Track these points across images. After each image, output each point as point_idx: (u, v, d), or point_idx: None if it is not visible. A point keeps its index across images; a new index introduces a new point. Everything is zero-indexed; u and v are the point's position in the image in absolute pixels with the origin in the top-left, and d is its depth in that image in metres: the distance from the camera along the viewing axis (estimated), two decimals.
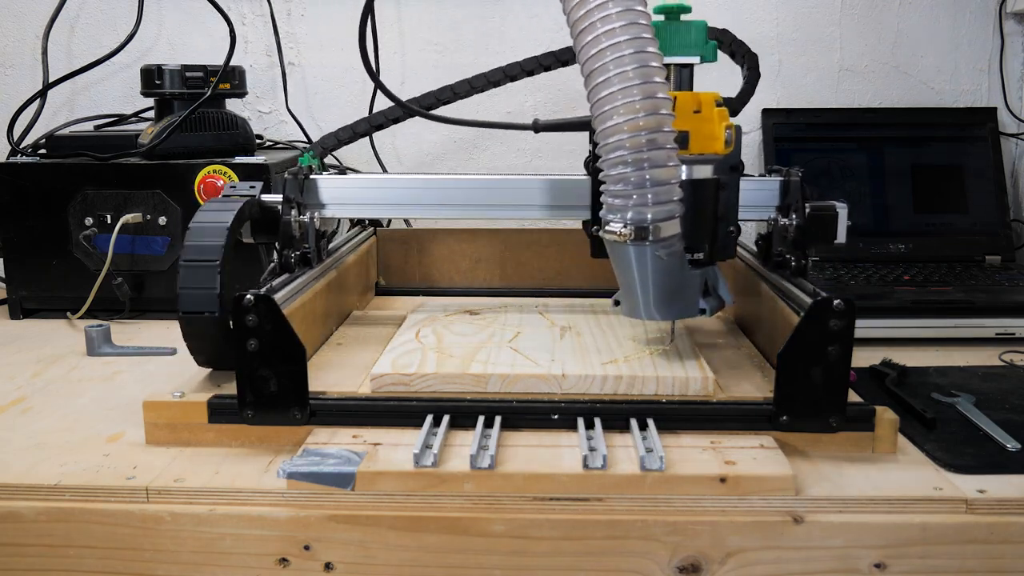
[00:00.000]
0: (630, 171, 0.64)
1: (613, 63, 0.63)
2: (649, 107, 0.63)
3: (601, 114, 0.64)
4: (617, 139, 0.64)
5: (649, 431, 0.65)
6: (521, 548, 0.60)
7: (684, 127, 0.70)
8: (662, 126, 0.64)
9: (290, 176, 0.86)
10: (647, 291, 0.71)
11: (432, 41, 1.33)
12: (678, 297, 0.73)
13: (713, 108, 0.72)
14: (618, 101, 0.63)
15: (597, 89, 0.64)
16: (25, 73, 1.33)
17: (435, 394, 0.70)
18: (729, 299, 0.78)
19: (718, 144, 0.72)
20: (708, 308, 0.75)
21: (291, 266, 0.84)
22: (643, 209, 0.65)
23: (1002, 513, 0.59)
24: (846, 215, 0.81)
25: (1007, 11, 1.31)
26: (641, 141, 0.63)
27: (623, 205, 0.66)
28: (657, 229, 0.66)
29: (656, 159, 0.64)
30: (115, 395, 0.80)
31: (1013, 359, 0.90)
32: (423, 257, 1.12)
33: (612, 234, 0.67)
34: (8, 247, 1.06)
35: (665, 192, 0.65)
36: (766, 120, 1.31)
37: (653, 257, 0.68)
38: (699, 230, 0.74)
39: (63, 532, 0.61)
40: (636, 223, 0.66)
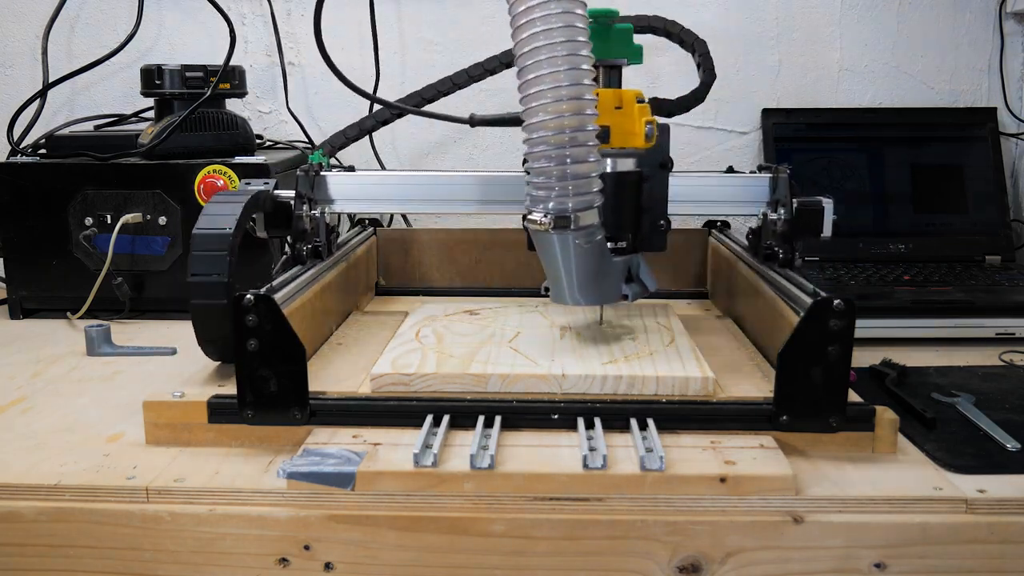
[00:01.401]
0: (552, 165, 0.68)
1: (546, 62, 0.66)
2: (573, 107, 0.66)
3: (528, 109, 0.67)
4: (541, 135, 0.67)
5: (649, 431, 0.65)
6: (521, 548, 0.60)
7: (606, 122, 0.73)
8: (584, 124, 0.67)
9: (302, 173, 0.89)
10: (571, 277, 0.74)
11: (432, 41, 1.34)
12: (601, 283, 0.76)
13: (634, 104, 0.75)
14: (545, 99, 0.66)
15: (527, 85, 0.67)
16: (25, 73, 1.34)
17: (435, 394, 0.70)
18: (653, 285, 0.82)
19: (638, 139, 0.75)
20: (631, 294, 0.80)
21: (303, 258, 0.87)
22: (564, 199, 0.69)
23: (1002, 513, 0.59)
24: (832, 209, 0.85)
25: (1007, 11, 1.31)
26: (563, 138, 0.67)
27: (546, 196, 0.69)
28: (577, 218, 0.69)
29: (577, 154, 0.68)
30: (115, 395, 0.80)
31: (1013, 359, 0.90)
32: (423, 257, 1.12)
33: (534, 223, 0.70)
34: (8, 247, 1.06)
35: (585, 184, 0.69)
36: (766, 120, 1.31)
37: (574, 245, 0.71)
38: (622, 220, 0.78)
39: (63, 532, 0.61)
40: (557, 212, 0.69)
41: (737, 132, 1.35)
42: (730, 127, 1.35)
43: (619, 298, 0.79)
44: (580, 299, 0.76)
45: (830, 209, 0.85)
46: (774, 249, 0.86)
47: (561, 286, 0.75)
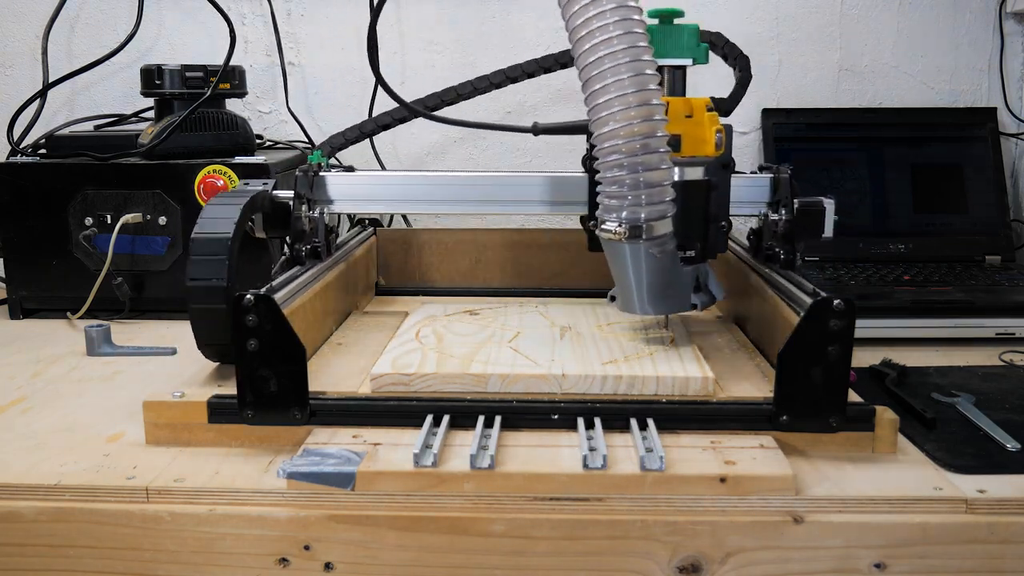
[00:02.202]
0: (625, 173, 0.68)
1: (610, 71, 0.66)
2: (643, 113, 0.66)
3: (598, 119, 0.68)
4: (613, 143, 0.67)
5: (649, 431, 0.65)
6: (521, 548, 0.60)
7: (676, 131, 0.74)
8: (655, 131, 0.67)
9: (301, 173, 0.89)
10: (641, 287, 0.75)
11: (432, 41, 1.33)
12: (670, 292, 0.76)
13: (704, 113, 0.75)
14: (614, 108, 0.66)
15: (594, 95, 0.67)
16: (25, 73, 1.33)
17: (435, 394, 0.70)
18: (720, 294, 0.82)
19: (708, 147, 0.75)
20: (699, 303, 0.80)
21: (302, 259, 0.86)
22: (637, 209, 0.69)
23: (1002, 513, 0.59)
24: (833, 210, 0.85)
25: (1007, 11, 1.31)
26: (635, 145, 0.67)
27: (618, 205, 0.69)
28: (650, 228, 0.70)
29: (649, 162, 0.68)
30: (115, 395, 0.80)
31: (1013, 359, 0.90)
32: (423, 257, 1.12)
33: (608, 232, 0.70)
34: (8, 247, 1.06)
35: (658, 193, 0.69)
36: (766, 120, 1.31)
37: (647, 254, 0.72)
38: (691, 229, 0.78)
39: (63, 532, 0.61)
40: (630, 222, 0.69)
41: (737, 132, 1.35)
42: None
43: (688, 307, 0.79)
44: (650, 309, 0.76)
45: (831, 209, 0.84)
46: (775, 250, 0.85)
47: (631, 295, 0.75)
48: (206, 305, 0.70)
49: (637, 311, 0.76)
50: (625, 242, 0.70)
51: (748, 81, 0.96)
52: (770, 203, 0.89)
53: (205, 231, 0.72)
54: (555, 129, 0.83)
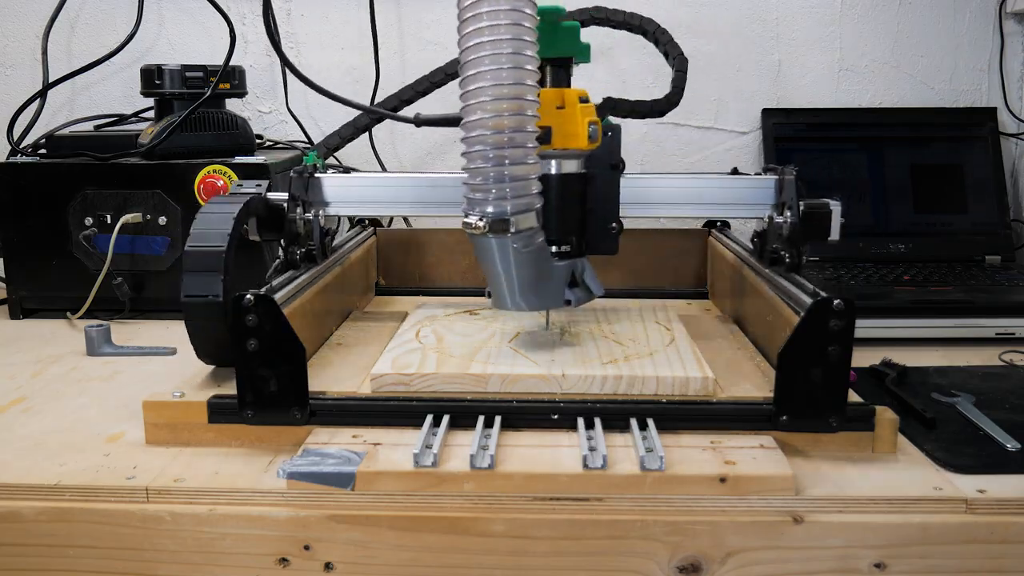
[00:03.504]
0: (490, 166, 0.67)
1: (489, 59, 0.65)
2: (513, 106, 0.65)
3: (467, 107, 0.66)
4: (479, 134, 0.66)
5: (649, 431, 0.65)
6: (521, 548, 0.60)
7: (547, 123, 0.72)
8: (524, 125, 0.66)
9: (295, 175, 0.87)
10: (511, 282, 0.73)
11: (432, 41, 1.33)
12: (543, 288, 0.75)
13: (576, 105, 0.73)
14: (485, 97, 0.65)
15: (468, 82, 0.66)
16: (25, 73, 1.33)
17: (435, 394, 0.70)
18: (599, 290, 0.80)
19: (580, 140, 0.73)
20: (574, 299, 0.78)
21: (296, 263, 0.85)
22: (502, 203, 0.68)
23: (1002, 513, 0.59)
24: (840, 212, 0.83)
25: (1007, 11, 1.31)
26: (502, 138, 0.66)
27: (483, 199, 0.68)
28: (516, 222, 0.68)
29: (515, 155, 0.67)
30: (115, 395, 0.80)
31: (1013, 359, 0.90)
32: (423, 257, 1.12)
33: (470, 227, 0.68)
34: (8, 247, 1.06)
35: (523, 186, 0.68)
36: (766, 120, 1.31)
37: (513, 249, 0.70)
38: (566, 223, 0.77)
39: (63, 532, 0.61)
40: (495, 216, 0.68)
41: (737, 132, 1.35)
42: (730, 127, 1.35)
43: (563, 303, 0.77)
44: (522, 304, 0.74)
45: (838, 212, 0.83)
46: (780, 253, 0.83)
47: (502, 291, 0.74)
48: (203, 320, 0.70)
49: (509, 307, 0.74)
50: (490, 236, 0.68)
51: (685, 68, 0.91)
52: (775, 205, 0.87)
53: (199, 244, 0.71)
54: (436, 120, 0.81)
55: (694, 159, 1.36)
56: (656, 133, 1.35)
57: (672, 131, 1.35)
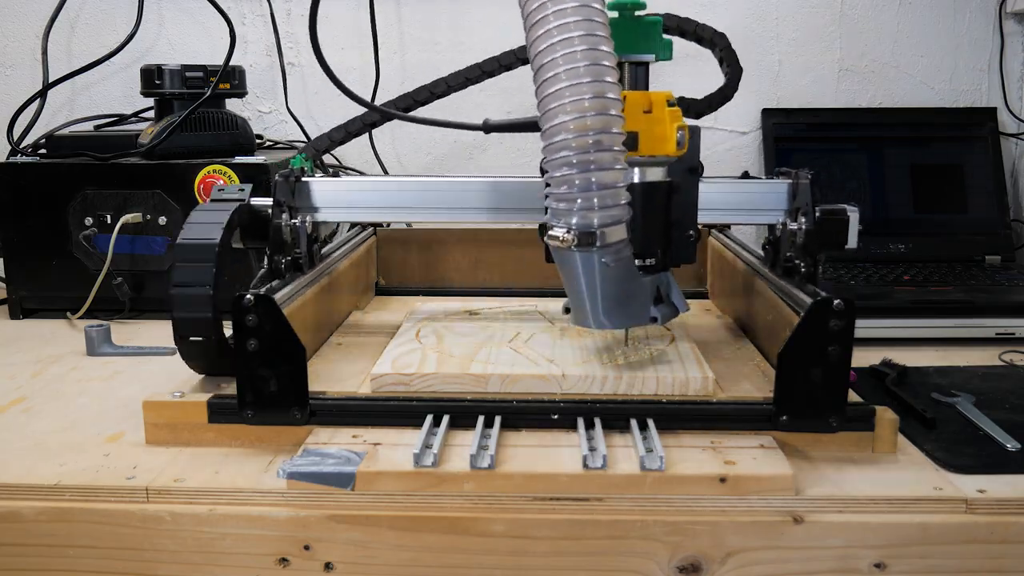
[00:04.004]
0: (575, 173, 0.62)
1: (563, 58, 0.60)
2: (597, 106, 0.60)
3: (547, 112, 0.62)
4: (562, 139, 0.61)
5: (649, 431, 0.65)
6: (521, 548, 0.60)
7: (634, 128, 0.68)
8: (610, 127, 0.61)
9: (281, 178, 0.82)
10: (595, 299, 0.68)
11: (432, 41, 1.33)
12: (628, 304, 0.70)
13: (664, 108, 0.69)
14: (565, 99, 0.60)
15: (545, 86, 0.61)
16: (25, 73, 1.33)
17: (435, 394, 0.70)
18: (683, 307, 0.76)
19: (669, 146, 0.69)
20: (660, 316, 0.73)
21: (281, 272, 0.81)
22: (588, 214, 0.63)
23: (1002, 513, 0.59)
24: (857, 219, 0.79)
25: (1007, 11, 1.31)
26: (587, 142, 0.61)
27: (568, 209, 0.63)
28: (603, 235, 0.63)
29: (602, 161, 0.61)
30: (115, 395, 0.80)
31: (1013, 359, 0.90)
32: (423, 257, 1.12)
33: (555, 240, 0.64)
34: (8, 247, 1.06)
35: (611, 196, 0.63)
36: (766, 120, 1.31)
37: (600, 264, 0.66)
38: (650, 235, 0.72)
39: (63, 532, 0.61)
40: (581, 228, 0.63)
41: (737, 132, 1.35)
42: (730, 127, 1.35)
43: (648, 321, 0.73)
44: (605, 322, 0.70)
45: (855, 219, 0.78)
46: (795, 262, 0.79)
47: (584, 308, 0.69)
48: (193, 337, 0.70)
49: (592, 325, 0.70)
50: (575, 250, 0.64)
51: (739, 76, 0.89)
52: (788, 211, 0.83)
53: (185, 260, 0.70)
54: (507, 126, 0.76)
55: None
56: None
57: None
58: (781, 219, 0.83)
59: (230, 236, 0.74)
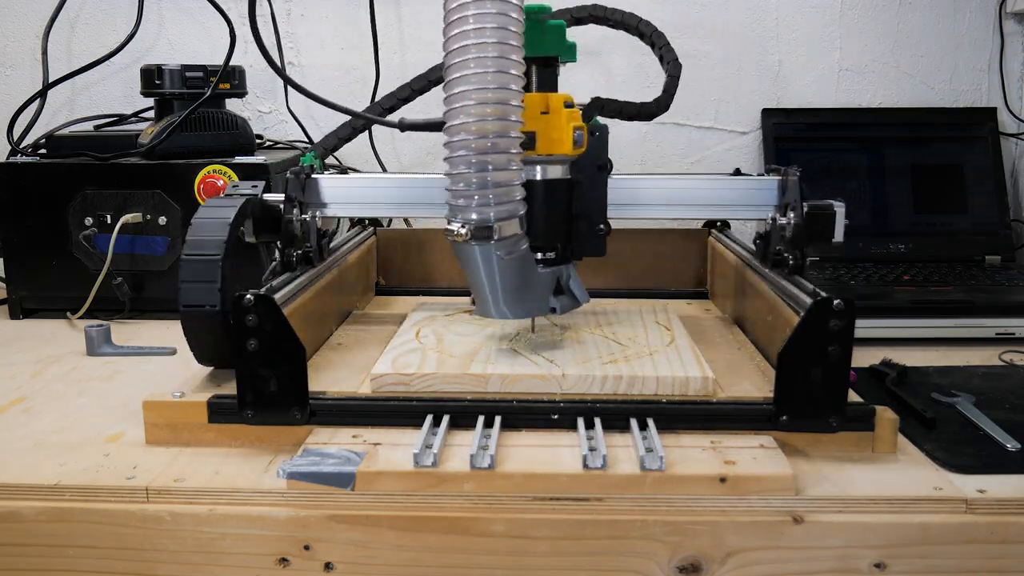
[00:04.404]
0: (473, 171, 0.65)
1: (474, 61, 0.63)
2: (497, 111, 0.64)
3: (451, 111, 0.65)
4: (462, 139, 0.65)
5: (649, 431, 0.65)
6: (521, 548, 0.60)
7: (532, 128, 0.71)
8: (508, 130, 0.65)
9: (292, 176, 0.86)
10: (495, 290, 0.72)
11: (432, 41, 1.33)
12: (526, 295, 0.74)
13: (561, 110, 0.72)
14: (468, 101, 0.64)
15: (452, 85, 0.65)
16: (25, 73, 1.33)
17: (435, 394, 0.70)
18: (585, 297, 0.79)
19: (565, 146, 0.73)
20: (559, 306, 0.77)
21: (293, 265, 0.84)
22: (485, 209, 0.66)
23: (1002, 513, 0.59)
24: (844, 214, 0.82)
25: (1007, 11, 1.31)
26: (485, 143, 0.64)
27: (466, 205, 0.67)
28: (499, 229, 0.67)
29: (498, 161, 0.65)
30: (115, 395, 0.80)
31: (1013, 359, 0.90)
32: (423, 257, 1.12)
33: (452, 234, 0.67)
34: (8, 247, 1.06)
35: (506, 192, 0.67)
36: (766, 120, 1.31)
37: (496, 257, 0.69)
38: (550, 230, 0.76)
39: (63, 532, 0.61)
40: (478, 223, 0.66)
41: (737, 132, 1.35)
42: (730, 127, 1.35)
43: (547, 311, 0.77)
44: (506, 312, 0.73)
45: (842, 213, 0.82)
46: (783, 255, 0.82)
47: (486, 299, 0.73)
48: (197, 306, 0.69)
49: (493, 315, 0.73)
50: (473, 244, 0.67)
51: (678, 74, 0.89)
52: (778, 206, 0.86)
53: (198, 235, 0.71)
54: (421, 125, 0.78)
55: (694, 159, 1.36)
56: (656, 133, 1.35)
57: (672, 131, 1.35)
58: (771, 214, 0.86)
59: (242, 219, 0.76)
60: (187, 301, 0.70)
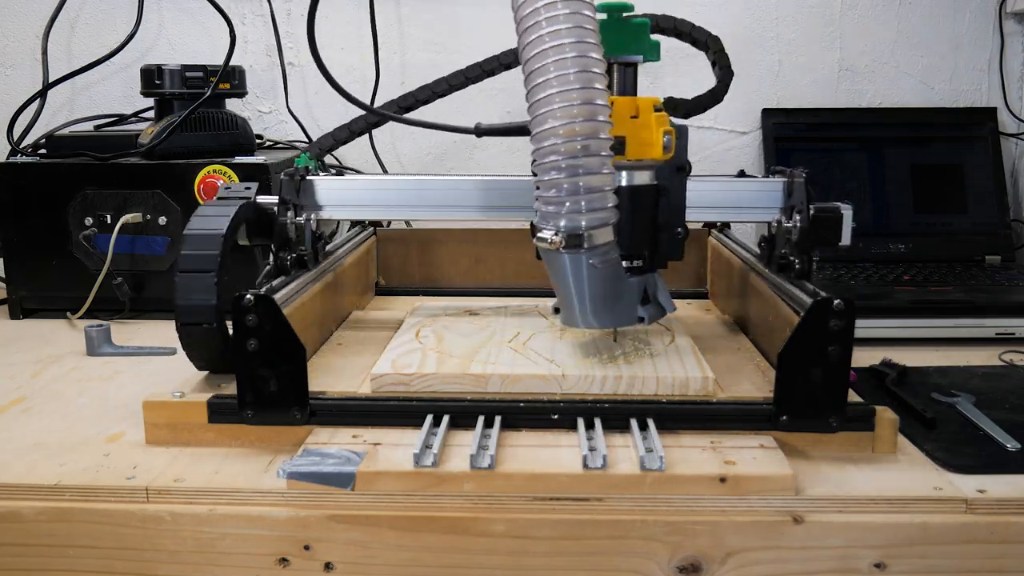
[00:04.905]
0: (563, 177, 0.63)
1: (554, 65, 0.62)
2: (586, 112, 0.62)
3: (537, 117, 0.63)
4: (551, 144, 0.63)
5: (649, 431, 0.65)
6: (521, 548, 0.60)
7: (621, 132, 0.69)
8: (598, 132, 0.63)
9: (286, 177, 0.85)
10: (583, 299, 0.70)
11: (432, 41, 1.33)
12: (615, 305, 0.72)
13: (651, 113, 0.71)
14: (555, 105, 0.62)
15: (535, 91, 0.63)
16: (25, 73, 1.33)
17: (435, 394, 0.70)
18: (670, 307, 0.78)
19: (655, 150, 0.71)
20: (647, 316, 0.75)
21: (287, 269, 0.83)
22: (576, 216, 0.64)
23: (1002, 513, 0.59)
24: (851, 217, 0.80)
25: (1007, 11, 1.31)
26: (576, 147, 0.63)
27: (556, 212, 0.65)
28: (591, 236, 0.65)
29: (590, 165, 0.63)
30: (115, 395, 0.80)
31: (1013, 359, 0.90)
32: (423, 257, 1.12)
33: (543, 242, 0.66)
34: (8, 247, 1.06)
35: (599, 199, 0.65)
36: (766, 120, 1.31)
37: (587, 265, 0.67)
38: (638, 237, 0.74)
39: (63, 532, 0.61)
40: (569, 231, 0.65)
41: (737, 132, 1.35)
42: (730, 127, 1.35)
43: (635, 321, 0.75)
44: (594, 322, 0.72)
45: (849, 216, 0.80)
46: (789, 259, 0.81)
47: (573, 309, 0.71)
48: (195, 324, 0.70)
49: (580, 324, 0.72)
50: (563, 252, 0.66)
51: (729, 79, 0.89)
52: (783, 209, 0.85)
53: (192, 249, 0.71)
54: (499, 130, 0.77)
55: (694, 159, 1.34)
56: None
57: None
58: (776, 217, 0.85)
59: (236, 230, 0.75)
60: (185, 319, 0.70)
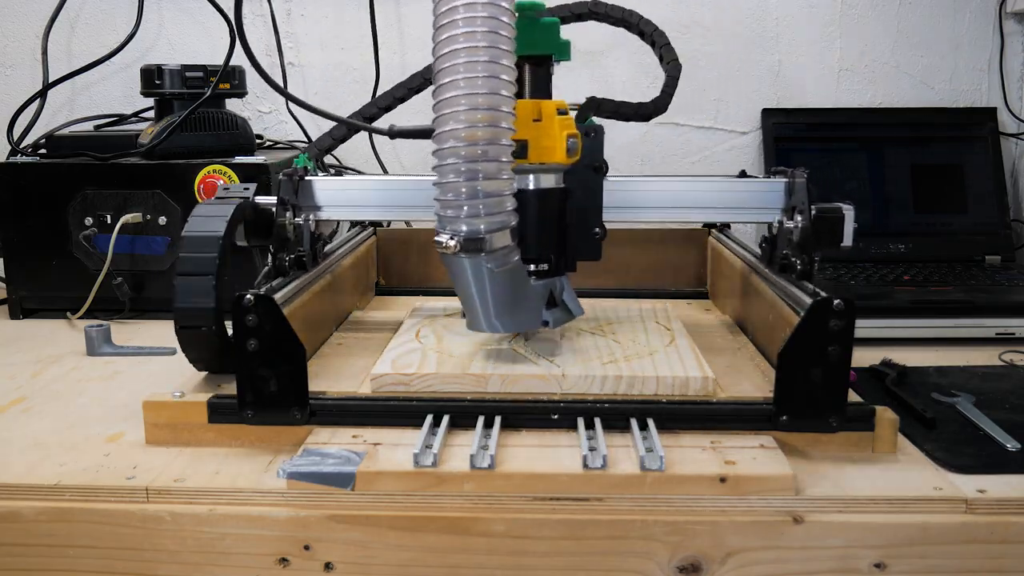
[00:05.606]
0: (462, 181, 0.63)
1: (464, 66, 0.61)
2: (488, 117, 0.62)
3: (440, 117, 0.63)
4: (451, 146, 0.63)
5: (649, 431, 0.65)
6: (521, 548, 0.60)
7: (524, 136, 0.69)
8: (499, 138, 0.63)
9: (284, 178, 0.84)
10: (485, 303, 0.69)
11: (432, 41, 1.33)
12: (519, 309, 0.72)
13: (554, 117, 0.70)
14: (459, 107, 0.62)
15: (442, 90, 0.63)
16: (25, 73, 1.34)
17: (435, 394, 0.70)
18: (579, 310, 0.77)
19: (558, 154, 0.70)
20: (552, 320, 0.75)
21: (285, 269, 0.82)
22: (475, 220, 0.64)
23: (1002, 513, 0.59)
24: (853, 217, 0.80)
25: (1007, 11, 1.32)
26: (476, 151, 0.62)
27: (455, 216, 0.64)
28: (489, 241, 0.65)
29: (489, 170, 0.63)
30: (115, 395, 0.80)
31: (1013, 359, 0.90)
32: (423, 257, 1.12)
33: (441, 246, 0.65)
34: (8, 247, 1.06)
35: (497, 203, 0.64)
36: (766, 120, 1.31)
37: (487, 269, 0.67)
38: (543, 241, 0.74)
39: (63, 532, 0.61)
40: (467, 235, 0.64)
41: (737, 132, 1.35)
42: (730, 127, 1.35)
43: (540, 324, 0.75)
44: (497, 326, 0.71)
45: (851, 217, 0.79)
46: (791, 260, 0.80)
47: (476, 312, 0.70)
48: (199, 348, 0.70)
49: (484, 328, 0.71)
50: (463, 256, 0.65)
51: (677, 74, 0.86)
52: (785, 209, 0.84)
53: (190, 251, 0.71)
54: (412, 132, 0.75)
55: (694, 159, 1.36)
56: (656, 133, 1.35)
57: (672, 131, 1.35)
58: (778, 217, 0.84)
59: (233, 230, 0.75)
60: (184, 323, 0.70)
